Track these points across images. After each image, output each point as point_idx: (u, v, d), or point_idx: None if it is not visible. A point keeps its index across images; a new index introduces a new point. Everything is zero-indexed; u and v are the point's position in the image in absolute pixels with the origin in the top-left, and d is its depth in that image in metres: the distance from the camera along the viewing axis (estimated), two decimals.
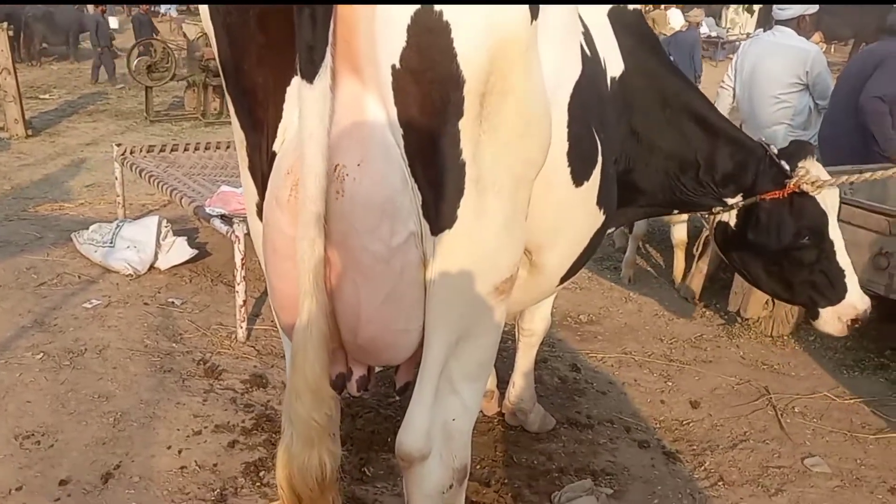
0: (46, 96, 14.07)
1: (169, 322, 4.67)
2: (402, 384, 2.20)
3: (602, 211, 2.55)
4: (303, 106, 1.68)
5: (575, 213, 2.39)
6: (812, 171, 3.05)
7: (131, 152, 6.25)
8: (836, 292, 3.23)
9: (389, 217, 1.78)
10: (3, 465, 3.24)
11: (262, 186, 1.95)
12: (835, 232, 3.18)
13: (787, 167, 3.05)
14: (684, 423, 4.02)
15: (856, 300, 3.25)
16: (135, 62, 12.33)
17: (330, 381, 2.04)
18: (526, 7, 1.72)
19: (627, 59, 2.74)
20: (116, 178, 6.29)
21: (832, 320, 3.27)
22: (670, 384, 4.43)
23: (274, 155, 1.88)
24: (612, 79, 2.65)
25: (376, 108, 1.76)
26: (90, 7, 20.86)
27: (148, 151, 6.32)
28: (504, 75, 1.73)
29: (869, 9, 18.95)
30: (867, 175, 3.47)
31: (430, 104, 1.71)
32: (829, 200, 3.12)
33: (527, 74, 1.80)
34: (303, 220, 1.72)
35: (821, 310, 3.27)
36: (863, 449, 3.82)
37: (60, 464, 3.28)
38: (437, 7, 1.62)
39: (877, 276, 4.33)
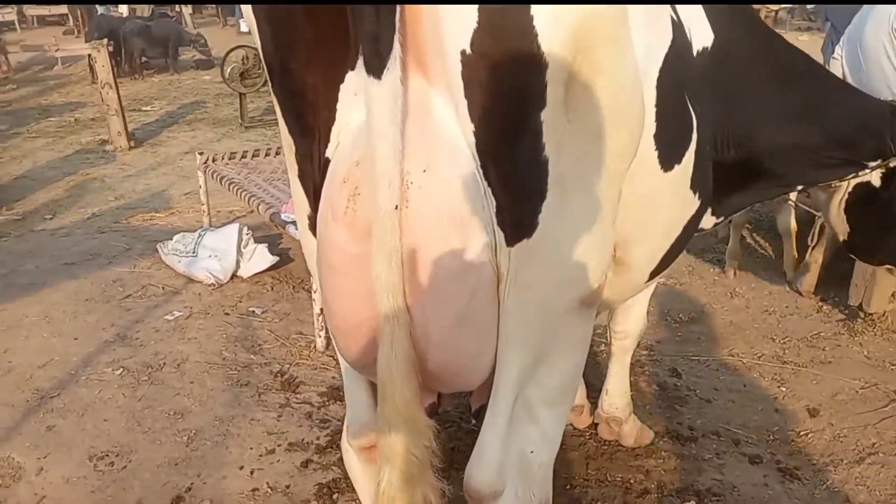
0: (148, 108, 14.49)
1: (248, 332, 4.57)
2: (478, 407, 1.96)
3: (697, 196, 2.27)
4: (371, 105, 1.46)
5: (665, 201, 2.12)
6: None
7: (213, 160, 6.22)
8: None
9: (460, 228, 1.55)
10: (76, 487, 3.18)
11: (314, 198, 1.75)
12: None
13: None
14: (802, 434, 3.60)
15: None
16: (228, 70, 12.52)
17: None
18: None
19: (722, 26, 2.44)
20: (201, 187, 6.28)
21: None
22: (784, 390, 4.00)
23: (327, 162, 1.67)
24: (704, 49, 2.35)
25: (442, 105, 1.53)
26: (188, 20, 21.55)
27: (230, 158, 6.28)
28: (592, 56, 1.48)
29: None
30: None
31: (507, 94, 1.47)
32: None
33: (618, 53, 1.55)
34: (378, 233, 1.52)
35: None
36: None
37: (132, 486, 3.19)
38: None
39: None
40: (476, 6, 1.39)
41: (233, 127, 12.43)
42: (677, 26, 2.14)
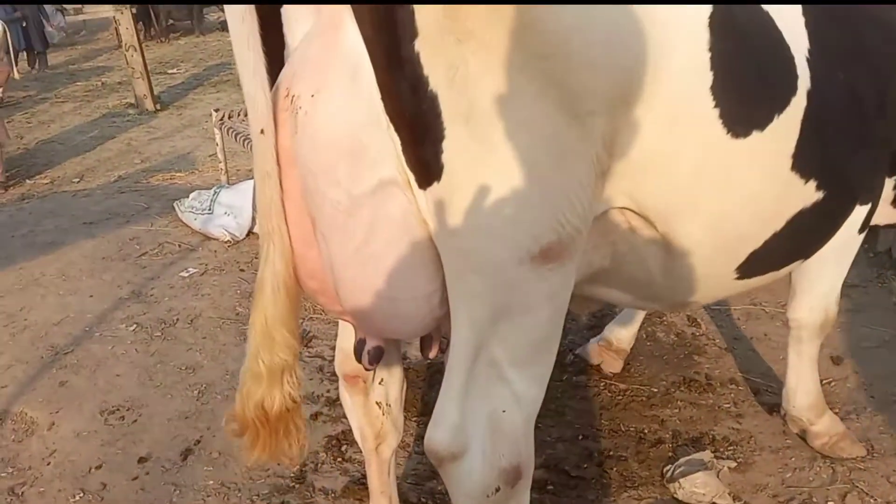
0: (174, 71, 14.48)
1: None
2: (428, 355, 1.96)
3: (811, 181, 1.92)
4: (229, 26, 1.50)
5: (740, 176, 1.78)
6: None
7: (229, 116, 6.17)
8: None
9: (349, 158, 1.47)
10: (86, 441, 3.20)
11: None
12: None
13: None
14: (824, 382, 3.46)
15: None
16: None
17: (354, 347, 1.91)
18: None
19: None
20: (217, 145, 6.24)
21: None
22: (829, 331, 3.86)
23: None
24: None
25: (339, 26, 1.46)
26: None
27: (246, 115, 6.22)
28: None
29: None
30: None
31: (378, 22, 1.38)
32: None
33: None
34: (255, 154, 1.56)
35: None
36: None
37: (142, 440, 3.20)
38: None
39: None
40: None
41: None
42: None
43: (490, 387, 1.64)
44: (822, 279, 2.74)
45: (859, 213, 2.38)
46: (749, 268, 2.04)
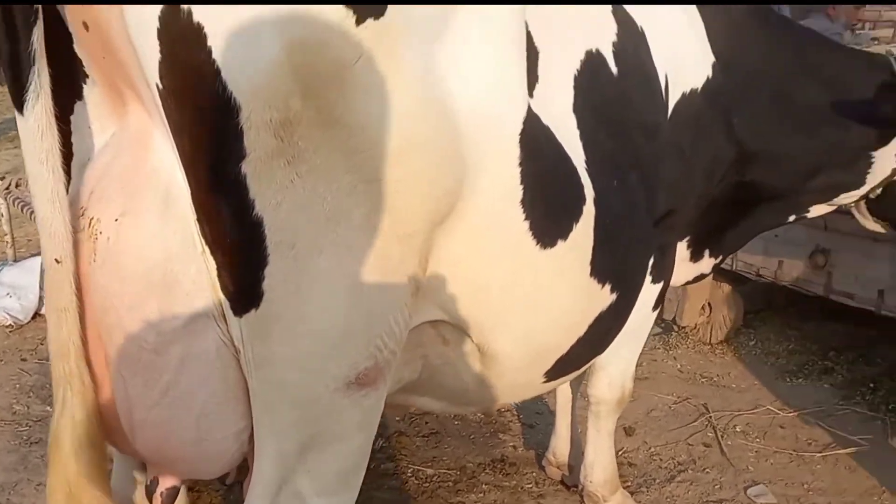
0: None
1: (47, 380, 4.17)
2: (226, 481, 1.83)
3: (607, 286, 2.00)
4: (22, 142, 1.30)
5: (546, 284, 1.84)
6: None
7: (17, 185, 5.70)
8: None
9: (160, 291, 1.36)
10: None
11: None
12: None
13: None
14: (619, 453, 3.65)
15: None
16: None
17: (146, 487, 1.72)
18: (340, 6, 1.26)
19: (727, 57, 2.40)
20: (2, 215, 5.73)
21: None
22: (625, 406, 4.06)
23: None
24: (692, 91, 2.31)
25: (150, 143, 1.36)
26: None
27: None
28: (319, 98, 1.28)
29: None
30: None
31: (200, 139, 1.28)
32: None
33: (369, 95, 1.33)
34: (48, 287, 1.37)
35: None
36: (809, 470, 3.51)
37: None
38: (186, 6, 1.19)
39: (814, 276, 4.03)
40: (155, 32, 1.21)
41: None
42: (613, 72, 1.99)
43: None
44: (619, 357, 2.86)
45: (652, 292, 2.54)
46: (556, 371, 2.12)
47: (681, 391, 4.21)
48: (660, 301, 2.67)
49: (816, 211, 2.94)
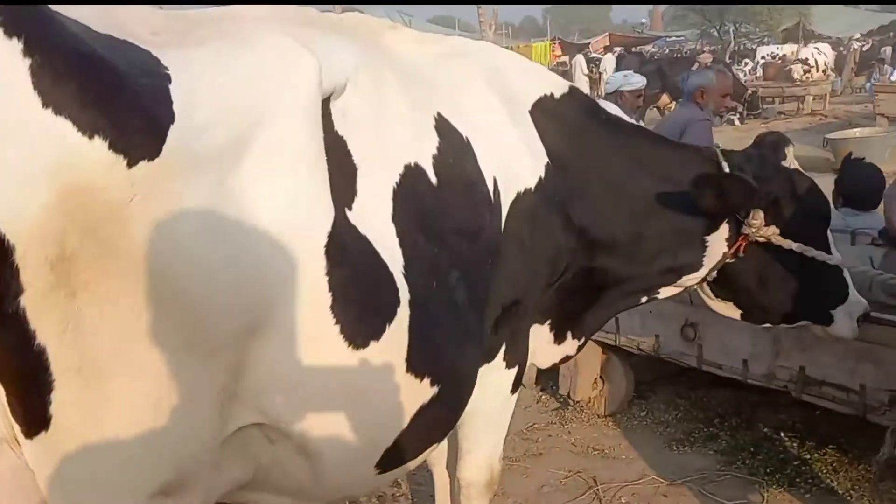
0: None
1: None
2: None
3: (426, 381, 2.10)
4: None
5: (361, 383, 1.95)
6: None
7: None
8: (841, 287, 3.03)
9: None
10: None
11: None
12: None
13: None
14: None
15: (855, 292, 3.07)
16: None
17: None
18: (105, 149, 1.37)
19: (563, 157, 2.62)
20: None
21: (846, 320, 3.05)
22: (496, 487, 4.15)
23: None
24: (526, 190, 2.51)
25: None
26: None
27: None
28: (96, 234, 1.39)
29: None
30: None
31: None
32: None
33: (151, 228, 1.44)
34: None
35: (833, 313, 3.04)
36: None
37: None
38: None
39: (686, 348, 4.24)
40: None
41: None
42: (432, 181, 2.14)
43: None
44: (484, 439, 2.93)
45: (507, 377, 2.69)
46: (387, 463, 2.18)
47: (572, 465, 4.33)
48: (517, 385, 2.82)
49: (666, 292, 3.14)
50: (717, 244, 2.91)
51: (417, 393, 2.12)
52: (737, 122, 19.00)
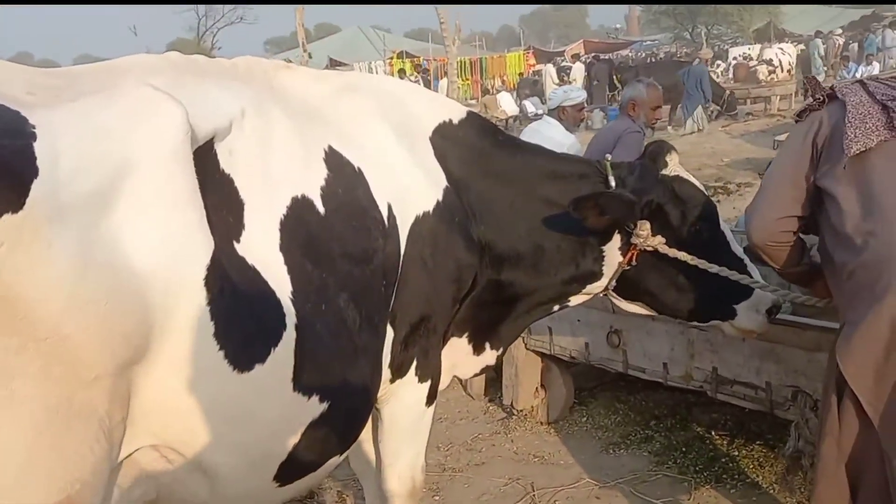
0: None
1: None
2: None
3: (314, 396, 2.28)
4: None
5: (252, 403, 2.12)
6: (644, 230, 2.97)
7: None
8: (740, 285, 3.09)
9: None
10: None
11: None
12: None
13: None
14: None
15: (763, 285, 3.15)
16: None
17: None
18: None
19: (461, 176, 2.84)
20: None
21: (751, 315, 3.15)
22: (437, 498, 4.32)
23: None
24: (424, 213, 2.69)
25: None
26: None
27: None
28: None
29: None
30: None
31: None
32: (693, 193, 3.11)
33: (20, 272, 1.60)
34: None
35: (737, 307, 3.15)
36: None
37: None
38: None
39: (613, 354, 4.42)
40: None
41: None
42: (301, 212, 2.28)
43: None
44: (404, 451, 3.08)
45: (420, 390, 2.86)
46: (286, 476, 2.35)
47: (512, 472, 4.49)
48: (432, 398, 2.98)
49: (576, 300, 3.32)
50: (613, 253, 3.08)
51: (306, 410, 2.29)
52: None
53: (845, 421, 2.40)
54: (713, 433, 4.63)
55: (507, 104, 21.90)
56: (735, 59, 28.10)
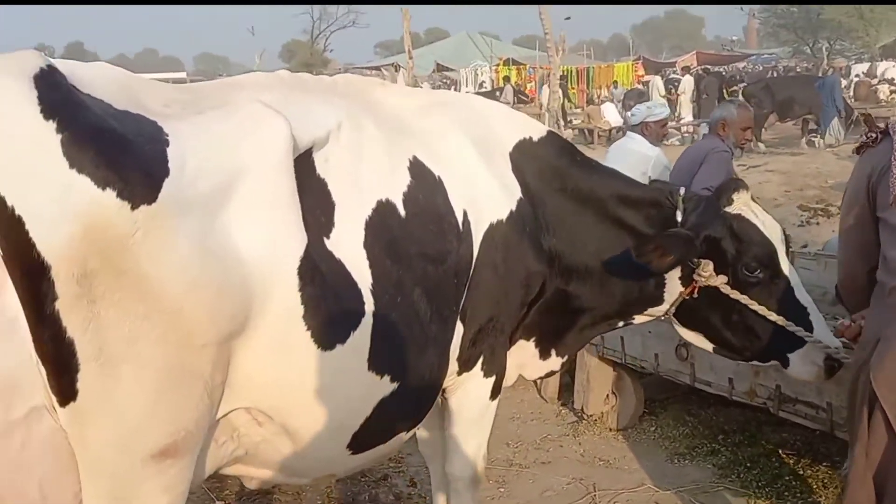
0: None
1: None
2: None
3: (385, 377, 2.56)
4: None
5: (331, 377, 2.41)
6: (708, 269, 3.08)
7: None
8: (792, 335, 3.13)
9: (5, 392, 1.95)
10: None
11: None
12: (786, 265, 3.19)
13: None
14: None
15: (824, 337, 3.15)
16: None
17: None
18: (114, 197, 1.89)
19: (536, 189, 3.08)
20: None
21: (804, 365, 3.20)
22: (502, 490, 4.55)
23: None
24: (498, 221, 2.94)
25: (2, 285, 1.91)
26: None
27: None
28: (110, 258, 1.91)
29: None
30: None
31: (28, 288, 1.89)
32: (771, 231, 3.17)
33: (150, 254, 1.95)
34: None
35: (790, 357, 3.20)
36: None
37: None
38: (10, 202, 1.82)
39: (681, 367, 4.55)
40: None
41: None
42: (384, 214, 2.57)
43: None
44: (467, 441, 3.35)
45: (485, 384, 3.14)
46: (358, 445, 2.67)
47: (576, 473, 4.67)
48: (496, 392, 3.24)
49: (640, 319, 3.48)
50: (674, 283, 3.24)
51: (378, 388, 2.60)
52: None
53: (874, 432, 2.53)
54: (781, 452, 4.69)
55: (610, 115, 21.76)
56: (857, 76, 27.00)
